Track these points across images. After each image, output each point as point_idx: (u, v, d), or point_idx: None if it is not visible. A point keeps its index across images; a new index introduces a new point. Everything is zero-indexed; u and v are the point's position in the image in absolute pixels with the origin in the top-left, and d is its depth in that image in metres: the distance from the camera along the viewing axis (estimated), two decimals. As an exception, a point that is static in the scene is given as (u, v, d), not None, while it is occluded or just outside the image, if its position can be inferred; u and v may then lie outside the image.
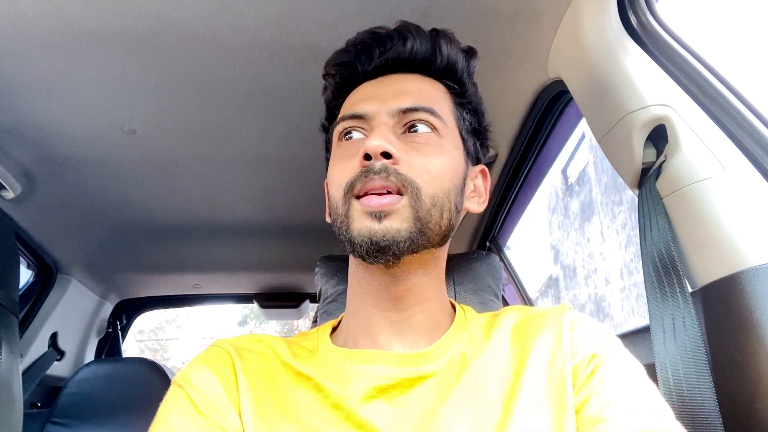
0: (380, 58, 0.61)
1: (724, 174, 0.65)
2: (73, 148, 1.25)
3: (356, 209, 0.53)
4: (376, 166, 0.53)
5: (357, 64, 0.62)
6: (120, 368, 1.56)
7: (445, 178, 0.56)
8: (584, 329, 0.56)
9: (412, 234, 0.52)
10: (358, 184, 0.53)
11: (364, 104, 0.59)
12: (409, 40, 0.61)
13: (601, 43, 0.79)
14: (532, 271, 11.10)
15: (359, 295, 0.60)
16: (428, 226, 0.54)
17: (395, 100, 0.58)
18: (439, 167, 0.55)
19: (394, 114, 0.57)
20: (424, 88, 0.61)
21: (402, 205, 0.52)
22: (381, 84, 0.61)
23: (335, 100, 0.65)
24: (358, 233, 0.52)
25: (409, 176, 0.53)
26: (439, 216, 0.55)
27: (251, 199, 1.58)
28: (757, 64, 9.35)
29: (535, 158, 1.27)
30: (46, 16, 0.85)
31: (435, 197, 0.54)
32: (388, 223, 0.52)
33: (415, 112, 0.57)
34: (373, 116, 0.57)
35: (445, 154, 0.57)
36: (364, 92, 0.61)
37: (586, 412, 0.50)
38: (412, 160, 0.54)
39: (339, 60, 0.64)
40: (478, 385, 0.53)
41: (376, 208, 0.52)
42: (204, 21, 0.88)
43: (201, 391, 0.52)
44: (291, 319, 2.65)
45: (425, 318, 0.58)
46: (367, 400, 0.52)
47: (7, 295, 1.04)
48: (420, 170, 0.54)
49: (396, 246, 0.52)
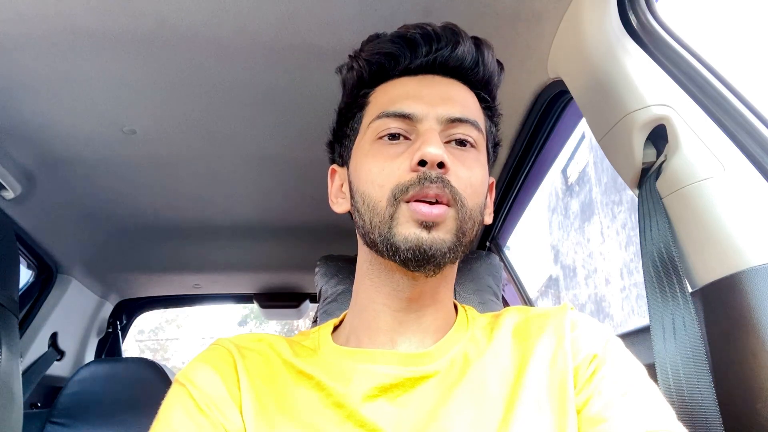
0: (426, 57, 0.59)
1: (724, 174, 0.65)
2: (73, 148, 1.25)
3: (404, 214, 0.52)
4: (433, 175, 0.52)
5: (400, 58, 0.60)
6: (120, 368, 1.56)
7: (481, 193, 0.57)
8: (585, 329, 0.56)
9: (454, 245, 0.53)
10: (412, 189, 0.52)
11: (411, 104, 0.57)
12: (460, 45, 0.59)
13: (601, 43, 0.79)
14: (532, 271, 11.11)
15: (369, 293, 0.59)
16: (465, 239, 0.55)
17: (444, 107, 0.57)
18: (479, 181, 0.56)
19: (441, 121, 0.56)
20: (468, 98, 0.60)
21: (449, 217, 0.53)
22: (425, 84, 0.59)
23: (361, 86, 0.62)
24: (404, 240, 0.52)
25: (457, 189, 0.53)
26: (472, 228, 0.56)
27: (251, 199, 1.58)
28: (757, 64, 9.35)
29: (535, 158, 1.27)
30: (46, 16, 0.85)
31: (473, 211, 0.55)
32: (436, 234, 0.52)
33: (462, 124, 0.57)
34: (421, 119, 0.56)
35: (483, 168, 0.58)
36: (407, 90, 0.59)
37: (587, 412, 0.50)
38: (458, 172, 0.54)
39: (382, 49, 0.60)
40: (479, 385, 0.53)
41: (429, 218, 0.51)
42: (204, 21, 0.88)
43: (202, 390, 0.52)
44: (291, 319, 2.65)
45: (434, 319, 0.58)
46: (369, 399, 0.52)
47: (7, 295, 1.04)
48: (465, 183, 0.54)
49: (442, 257, 0.52)
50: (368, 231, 0.55)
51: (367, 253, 0.59)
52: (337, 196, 0.64)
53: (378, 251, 0.55)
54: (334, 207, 0.64)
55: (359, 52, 0.63)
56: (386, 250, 0.53)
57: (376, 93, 0.61)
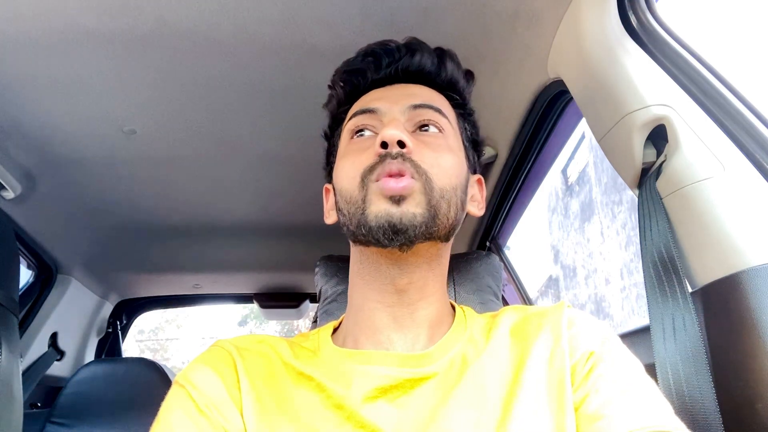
0: (389, 67, 0.65)
1: (724, 174, 0.65)
2: (73, 148, 1.25)
3: (374, 192, 0.55)
4: (393, 152, 0.55)
5: (366, 72, 0.66)
6: (120, 368, 1.56)
7: (452, 174, 0.58)
8: (582, 327, 0.56)
9: (426, 219, 0.54)
10: (377, 168, 0.55)
11: (375, 102, 0.62)
12: (417, 53, 0.65)
13: (601, 43, 0.79)
14: (532, 271, 11.11)
15: (362, 291, 0.60)
16: (439, 216, 0.56)
17: (405, 99, 0.61)
18: (448, 163, 0.58)
19: (405, 111, 0.60)
20: (431, 94, 0.64)
21: (416, 190, 0.54)
22: (390, 89, 0.65)
23: (340, 107, 0.68)
24: (375, 216, 0.54)
25: (422, 166, 0.56)
26: (447, 207, 0.57)
27: (251, 199, 1.58)
28: (757, 64, 9.35)
29: (535, 158, 1.27)
30: (46, 16, 0.85)
31: (444, 189, 0.56)
32: (405, 207, 0.54)
33: (425, 110, 0.61)
34: (385, 112, 0.61)
35: (453, 153, 0.60)
36: (374, 95, 0.64)
37: (585, 410, 0.50)
38: (423, 154, 0.57)
39: (350, 68, 0.67)
40: (478, 386, 0.53)
41: (396, 191, 0.53)
42: (204, 21, 0.88)
43: (203, 391, 0.52)
44: (291, 319, 2.65)
45: (428, 314, 0.59)
46: (369, 401, 0.52)
47: (7, 295, 1.04)
48: (431, 163, 0.57)
49: (413, 229, 0.53)
50: (348, 223, 0.57)
51: (356, 251, 0.61)
52: (329, 210, 0.67)
53: (358, 240, 0.57)
54: (327, 220, 0.67)
55: (333, 79, 0.69)
56: (362, 234, 0.55)
57: (352, 107, 0.66)
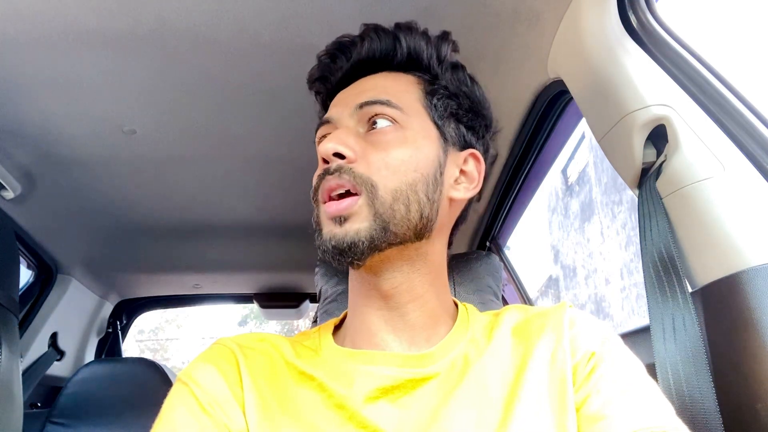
0: (347, 64, 0.63)
1: (724, 174, 0.65)
2: (73, 148, 1.25)
3: (322, 214, 0.56)
4: (332, 167, 0.55)
5: (328, 77, 0.65)
6: (120, 368, 1.56)
7: (407, 170, 0.55)
8: (584, 327, 0.56)
9: (372, 233, 0.53)
10: (319, 188, 0.56)
11: (331, 110, 0.62)
12: (366, 41, 0.62)
13: (601, 43, 0.79)
14: (532, 271, 11.11)
15: (354, 297, 0.61)
16: (393, 222, 0.53)
17: (355, 99, 0.60)
18: (399, 160, 0.55)
19: (353, 113, 0.59)
20: (385, 82, 0.61)
21: (359, 206, 0.53)
22: (349, 89, 0.63)
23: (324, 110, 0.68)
24: (323, 239, 0.55)
25: (364, 174, 0.54)
26: (405, 210, 0.54)
27: (251, 199, 1.58)
28: (757, 64, 9.35)
29: (535, 158, 1.27)
30: (46, 16, 0.85)
31: (397, 191, 0.54)
32: (348, 226, 0.53)
33: (371, 106, 0.58)
34: (337, 119, 0.60)
35: (408, 146, 0.56)
36: (336, 99, 0.63)
37: (586, 410, 0.50)
38: (369, 157, 0.55)
39: (314, 76, 0.67)
40: (480, 386, 0.53)
41: (335, 213, 0.54)
42: (204, 21, 0.88)
43: (205, 389, 0.52)
44: (291, 319, 2.65)
45: (420, 315, 0.58)
46: (370, 401, 0.52)
47: (7, 295, 1.04)
48: (378, 166, 0.54)
49: (356, 247, 0.53)
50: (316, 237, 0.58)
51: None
52: None
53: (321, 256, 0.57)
54: None
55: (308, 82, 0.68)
56: (319, 252, 0.56)
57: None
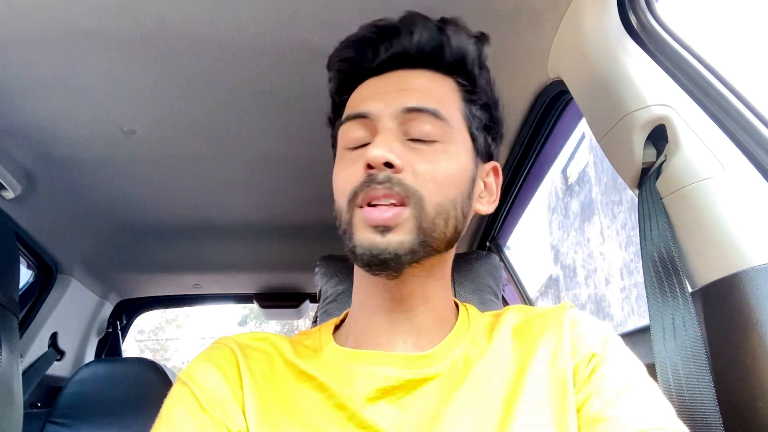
0: (385, 54, 0.58)
1: (724, 174, 0.65)
2: (73, 148, 1.25)
3: (359, 219, 0.52)
4: (380, 176, 0.51)
5: (361, 61, 0.59)
6: (120, 368, 1.56)
7: (451, 185, 0.54)
8: (584, 328, 0.56)
9: (414, 246, 0.51)
10: (360, 193, 0.52)
11: (367, 103, 0.56)
12: (416, 33, 0.57)
13: (601, 43, 0.79)
14: (532, 271, 11.11)
15: (361, 296, 0.59)
16: (432, 236, 0.52)
17: (399, 99, 0.55)
18: (445, 175, 0.53)
19: (397, 115, 0.54)
20: (430, 85, 0.57)
21: (405, 218, 0.51)
22: (385, 81, 0.58)
23: (339, 95, 0.62)
24: (360, 245, 0.51)
25: (413, 186, 0.51)
26: (444, 225, 0.53)
27: (251, 199, 1.58)
28: (757, 64, 9.34)
29: (535, 158, 1.27)
30: (46, 16, 0.85)
31: (440, 206, 0.52)
32: (391, 237, 0.50)
33: (419, 114, 0.54)
34: (377, 117, 0.55)
35: (452, 159, 0.54)
36: (368, 90, 0.58)
37: (586, 412, 0.50)
38: (417, 168, 0.52)
39: (341, 56, 0.60)
40: (480, 387, 0.53)
41: (380, 222, 0.50)
42: (204, 21, 0.88)
43: (205, 388, 0.52)
44: (291, 319, 2.65)
45: (428, 319, 0.58)
46: (371, 401, 0.52)
47: (7, 295, 1.04)
48: (425, 178, 0.52)
49: (398, 260, 0.51)
50: (342, 237, 0.56)
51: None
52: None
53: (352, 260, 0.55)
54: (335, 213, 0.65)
55: (329, 61, 0.62)
56: (351, 256, 0.54)
57: (350, 98, 0.61)
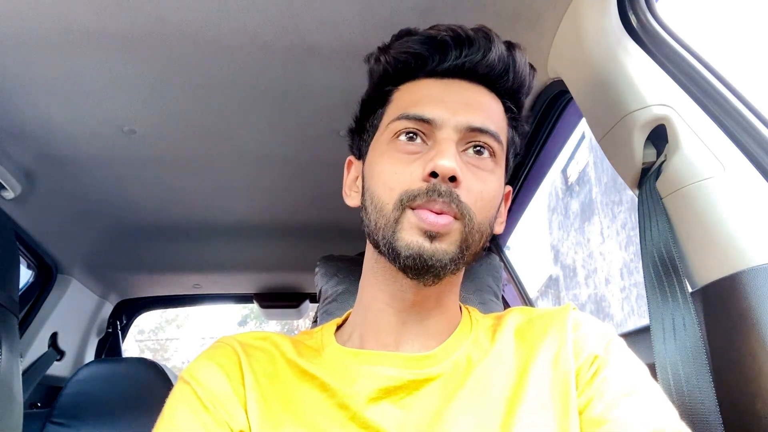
0: (455, 61, 0.58)
1: (724, 174, 0.65)
2: (73, 148, 1.25)
3: (410, 221, 0.52)
4: (443, 188, 0.52)
5: (428, 60, 0.58)
6: (120, 368, 1.56)
7: (493, 206, 0.56)
8: (587, 330, 0.56)
9: (456, 257, 0.52)
10: (419, 199, 0.52)
11: (432, 108, 0.56)
12: (492, 51, 0.57)
13: (601, 43, 0.79)
14: (532, 271, 11.11)
15: (373, 292, 0.59)
16: (470, 250, 0.54)
17: (465, 115, 0.55)
18: (491, 195, 0.55)
19: (461, 129, 0.55)
20: (492, 106, 0.58)
21: (454, 229, 0.52)
22: (450, 89, 0.58)
23: (386, 82, 0.61)
24: (407, 247, 0.52)
25: (467, 204, 0.53)
26: (479, 240, 0.55)
27: (251, 199, 1.58)
28: (757, 64, 9.34)
29: (535, 158, 1.27)
30: (46, 16, 0.85)
31: (481, 224, 0.54)
32: (439, 245, 0.51)
33: (482, 135, 0.55)
34: (441, 125, 0.55)
35: (497, 181, 0.57)
36: (431, 93, 0.58)
37: (589, 414, 0.50)
38: (470, 185, 0.54)
39: (410, 48, 0.59)
40: (482, 388, 0.53)
41: (433, 228, 0.51)
42: (204, 21, 0.88)
43: (207, 387, 0.52)
44: (291, 319, 2.65)
45: (438, 323, 0.58)
46: (373, 401, 0.52)
47: (7, 295, 1.04)
48: (476, 197, 0.54)
49: (442, 268, 0.52)
50: (373, 231, 0.55)
51: (373, 251, 0.59)
52: (350, 189, 0.64)
53: (381, 253, 0.55)
54: (347, 200, 0.64)
55: (388, 46, 0.61)
56: (388, 254, 0.53)
57: (399, 91, 0.60)
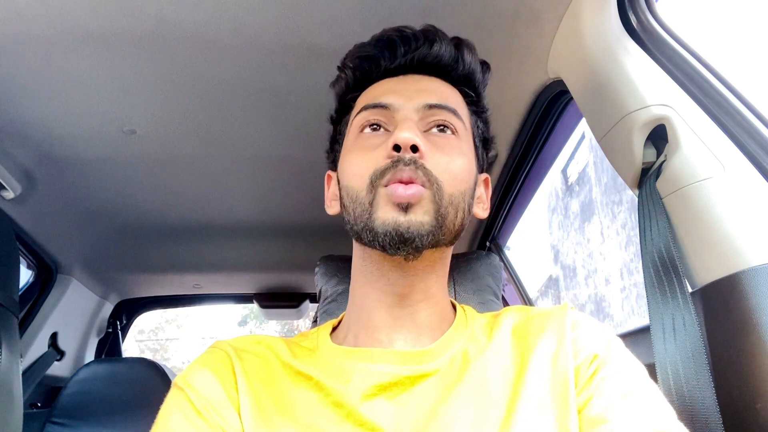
0: (405, 56, 0.62)
1: (724, 174, 0.65)
2: (73, 148, 1.25)
3: (382, 197, 0.54)
4: (406, 157, 0.54)
5: (380, 60, 0.62)
6: (120, 368, 1.56)
7: (462, 180, 0.57)
8: (586, 329, 0.56)
9: (433, 228, 0.53)
10: (387, 173, 0.54)
11: (388, 96, 0.59)
12: (436, 43, 0.61)
13: (601, 43, 0.79)
14: (532, 271, 11.11)
15: (363, 290, 0.60)
16: (445, 224, 0.55)
17: (420, 96, 0.59)
18: (459, 168, 0.57)
19: (419, 109, 0.58)
20: (446, 91, 0.62)
21: (425, 198, 0.53)
22: (403, 81, 0.62)
23: (349, 93, 0.65)
24: (383, 223, 0.53)
25: (433, 173, 0.54)
26: (454, 214, 0.56)
27: (251, 199, 1.58)
28: (757, 64, 9.35)
29: (535, 158, 1.27)
30: (46, 16, 0.85)
31: (452, 196, 0.55)
32: (413, 216, 0.53)
33: (439, 110, 0.58)
34: (398, 108, 0.58)
35: (464, 157, 0.58)
36: (386, 87, 0.61)
37: (588, 413, 0.50)
38: (435, 158, 0.56)
39: (362, 53, 0.64)
40: (480, 384, 0.53)
41: (404, 199, 0.52)
42: (204, 21, 0.88)
43: (200, 393, 0.52)
44: (291, 319, 2.65)
45: (429, 315, 0.58)
46: (368, 398, 0.52)
47: (7, 295, 1.04)
48: (442, 168, 0.55)
49: (420, 239, 0.53)
50: (353, 223, 0.57)
51: (359, 249, 0.60)
52: (330, 200, 0.66)
53: (362, 241, 0.56)
54: (328, 210, 0.66)
55: (344, 62, 0.65)
56: (367, 237, 0.54)
57: (361, 96, 0.64)
